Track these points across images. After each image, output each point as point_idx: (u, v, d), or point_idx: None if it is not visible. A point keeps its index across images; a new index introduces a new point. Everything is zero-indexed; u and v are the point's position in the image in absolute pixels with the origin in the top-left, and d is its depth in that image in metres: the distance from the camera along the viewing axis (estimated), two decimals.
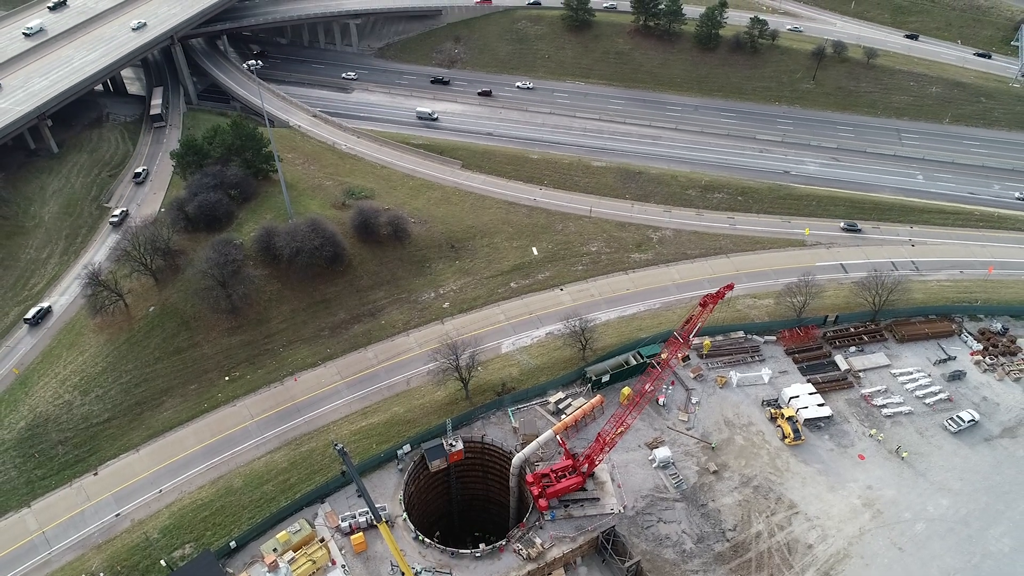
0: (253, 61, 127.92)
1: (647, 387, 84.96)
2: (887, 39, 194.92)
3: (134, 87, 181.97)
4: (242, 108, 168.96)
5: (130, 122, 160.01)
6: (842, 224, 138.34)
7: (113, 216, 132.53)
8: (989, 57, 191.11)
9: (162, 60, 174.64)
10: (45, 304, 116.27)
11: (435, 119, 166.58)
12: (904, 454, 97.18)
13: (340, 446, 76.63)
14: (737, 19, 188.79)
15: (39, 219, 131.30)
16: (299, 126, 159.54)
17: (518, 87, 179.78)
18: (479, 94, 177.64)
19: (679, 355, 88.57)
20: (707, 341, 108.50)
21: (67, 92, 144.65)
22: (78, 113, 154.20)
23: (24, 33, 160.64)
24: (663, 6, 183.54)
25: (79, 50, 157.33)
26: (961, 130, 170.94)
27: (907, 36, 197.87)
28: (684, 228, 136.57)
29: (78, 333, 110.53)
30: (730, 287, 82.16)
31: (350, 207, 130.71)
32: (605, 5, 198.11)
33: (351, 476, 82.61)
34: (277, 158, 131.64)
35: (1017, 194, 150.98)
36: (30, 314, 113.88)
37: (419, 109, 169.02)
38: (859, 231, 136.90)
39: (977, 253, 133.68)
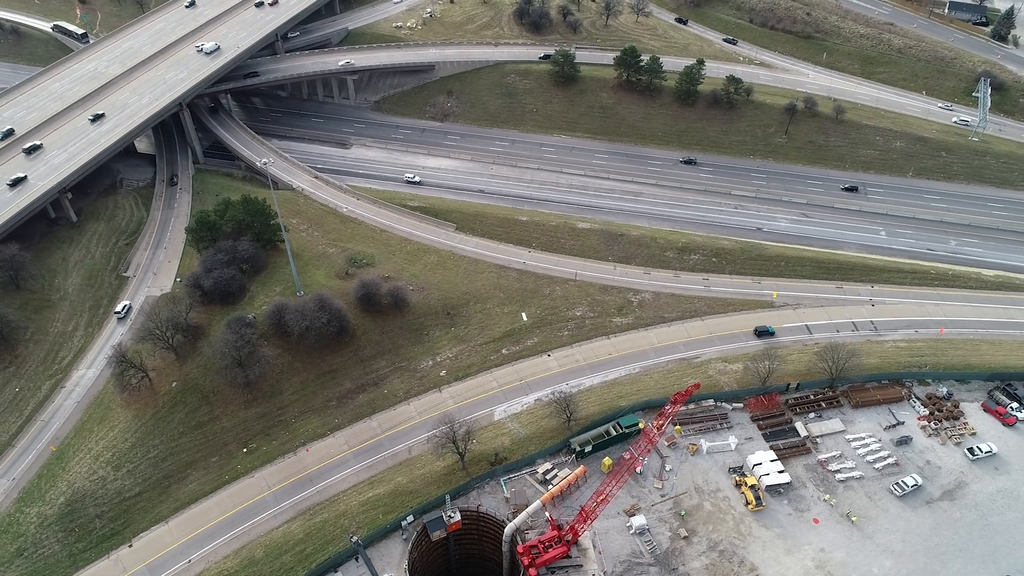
0: (267, 159, 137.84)
1: (625, 469, 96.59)
2: (856, 90, 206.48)
3: (143, 144, 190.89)
4: (246, 168, 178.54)
5: (143, 186, 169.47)
6: None
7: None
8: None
9: (170, 122, 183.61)
10: None
11: None
12: (854, 518, 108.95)
13: (356, 539, 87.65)
14: (715, 71, 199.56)
15: (63, 292, 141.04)
16: (302, 188, 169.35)
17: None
18: None
19: (657, 428, 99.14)
20: (678, 427, 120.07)
21: (87, 165, 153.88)
22: (94, 180, 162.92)
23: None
24: (644, 62, 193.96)
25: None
26: (923, 184, 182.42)
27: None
28: (662, 291, 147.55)
29: (107, 408, 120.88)
30: (696, 386, 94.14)
31: (353, 276, 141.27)
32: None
33: (366, 566, 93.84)
34: (284, 228, 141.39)
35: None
36: None
37: None
38: None
39: (931, 312, 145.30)
